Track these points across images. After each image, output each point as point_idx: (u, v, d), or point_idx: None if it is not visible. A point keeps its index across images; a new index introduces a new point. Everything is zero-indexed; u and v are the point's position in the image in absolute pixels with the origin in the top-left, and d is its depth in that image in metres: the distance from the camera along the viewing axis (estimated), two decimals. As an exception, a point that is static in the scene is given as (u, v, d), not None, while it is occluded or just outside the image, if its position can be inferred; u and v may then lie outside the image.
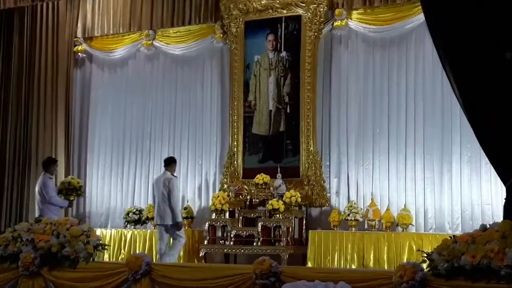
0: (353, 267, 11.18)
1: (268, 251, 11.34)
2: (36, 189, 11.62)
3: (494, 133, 8.03)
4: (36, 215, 11.39)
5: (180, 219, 11.66)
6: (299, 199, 12.31)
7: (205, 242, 12.62)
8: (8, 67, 14.90)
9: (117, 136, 14.79)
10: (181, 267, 9.42)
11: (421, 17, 10.24)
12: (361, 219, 12.05)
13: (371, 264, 11.26)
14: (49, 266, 8.04)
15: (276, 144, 13.06)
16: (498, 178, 8.13)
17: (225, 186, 12.99)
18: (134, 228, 13.30)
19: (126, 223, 13.67)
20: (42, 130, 14.68)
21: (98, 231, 10.38)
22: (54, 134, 14.67)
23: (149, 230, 13.25)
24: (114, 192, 14.75)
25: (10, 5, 12.19)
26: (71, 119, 14.93)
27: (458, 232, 8.91)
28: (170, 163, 12.01)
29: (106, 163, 14.85)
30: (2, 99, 14.95)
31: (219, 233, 12.53)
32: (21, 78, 14.83)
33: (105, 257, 8.93)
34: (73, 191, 12.14)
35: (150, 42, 14.44)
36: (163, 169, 12.12)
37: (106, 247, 8.97)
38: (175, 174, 12.15)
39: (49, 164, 11.81)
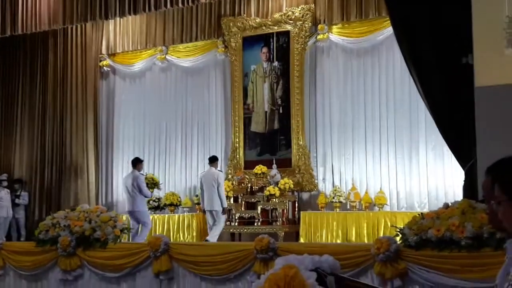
0: (338, 241, 11.23)
1: (267, 230, 11.39)
2: (129, 182, 11.72)
3: (453, 126, 8.18)
4: (127, 204, 11.93)
5: (226, 205, 11.81)
6: (292, 186, 12.41)
7: (214, 223, 12.48)
8: (45, 81, 14.89)
9: (138, 136, 14.79)
10: (194, 245, 9.54)
11: (390, 30, 10.25)
12: (344, 201, 12.16)
13: (353, 238, 11.33)
14: (83, 247, 8.20)
15: (271, 140, 13.09)
16: (458, 164, 8.27)
17: (229, 176, 13.02)
18: (154, 213, 13.31)
19: (148, 208, 13.70)
20: (75, 132, 14.67)
21: (124, 217, 10.41)
22: (85, 136, 14.67)
23: (166, 215, 13.24)
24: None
25: (45, 28, 12.17)
26: (99, 122, 14.93)
27: (426, 210, 9.00)
28: (214, 161, 12.12)
29: (129, 158, 14.82)
30: (41, 108, 14.89)
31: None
32: (56, 90, 14.83)
33: (129, 237, 8.98)
34: (154, 185, 12.89)
35: (163, 56, 14.44)
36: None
37: (129, 230, 9.02)
38: (220, 169, 12.38)
39: (136, 163, 11.99)
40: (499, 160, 2.07)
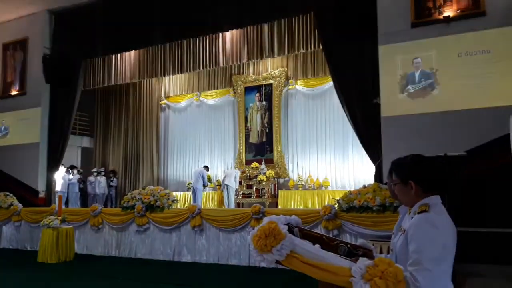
0: (301, 207, 11.19)
1: (258, 201, 11.34)
2: (196, 175, 12.12)
3: (369, 139, 8.19)
4: (192, 185, 12.19)
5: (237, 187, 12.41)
6: (273, 174, 12.41)
7: (227, 198, 12.54)
8: (127, 111, 14.86)
9: (183, 147, 14.63)
10: (215, 209, 9.51)
11: (331, 82, 10.27)
12: (304, 184, 12.08)
13: (310, 206, 11.28)
14: (150, 211, 8.19)
15: (261, 147, 13.03)
16: (371, 161, 8.27)
17: (237, 168, 13.01)
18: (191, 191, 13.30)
19: (187, 189, 13.69)
20: (145, 143, 14.62)
21: (174, 193, 10.43)
22: (151, 145, 14.61)
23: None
24: (181, 174, 14.69)
25: (128, 81, 12.11)
26: (159, 137, 14.83)
27: (352, 189, 8.98)
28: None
29: (179, 161, 14.78)
30: (125, 128, 14.85)
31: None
32: (134, 117, 14.80)
33: (177, 206, 8.98)
34: (208, 179, 12.81)
35: (197, 98, 14.40)
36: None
37: (177, 201, 9.03)
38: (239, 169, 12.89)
39: (206, 168, 12.40)
40: (395, 159, 2.08)
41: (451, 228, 1.87)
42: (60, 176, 12.49)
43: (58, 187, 12.26)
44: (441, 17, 7.11)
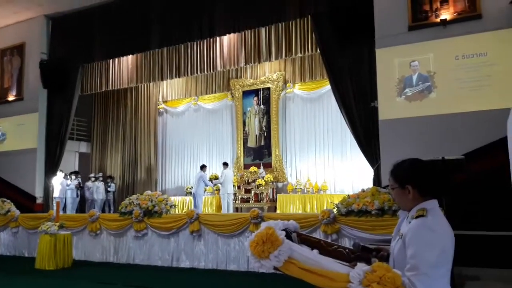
0: (299, 212, 11.18)
1: (257, 205, 11.31)
2: (196, 180, 11.93)
3: (367, 143, 8.18)
4: (193, 189, 12.07)
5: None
6: (272, 179, 12.41)
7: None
8: (125, 116, 14.85)
9: (181, 151, 14.65)
10: (213, 214, 9.49)
11: (329, 86, 10.29)
12: (302, 188, 12.07)
13: (309, 210, 11.26)
14: (148, 216, 8.17)
15: (259, 151, 13.04)
16: (370, 165, 8.26)
17: (235, 173, 12.99)
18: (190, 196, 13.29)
19: (186, 194, 13.66)
20: (143, 148, 14.60)
21: (172, 198, 10.38)
22: (149, 149, 14.60)
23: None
24: (180, 178, 14.69)
25: (125, 85, 12.10)
26: (157, 142, 14.81)
27: (351, 193, 8.99)
28: (226, 165, 12.22)
29: (177, 166, 14.79)
30: (123, 133, 14.82)
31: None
32: (131, 122, 14.77)
33: (176, 211, 8.95)
34: (213, 179, 12.65)
35: (195, 102, 14.40)
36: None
37: (175, 206, 8.99)
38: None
39: (203, 167, 12.03)
40: (394, 163, 2.08)
41: (449, 232, 1.87)
42: (58, 182, 12.45)
43: (56, 193, 12.23)
44: (438, 20, 7.14)
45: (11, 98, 12.10)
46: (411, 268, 1.76)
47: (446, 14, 7.13)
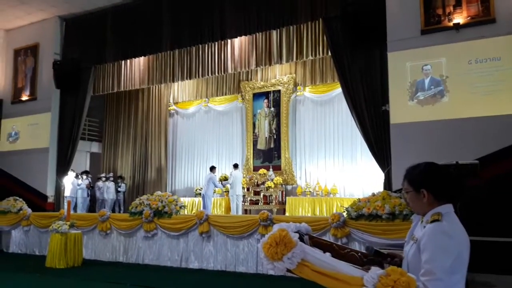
0: (309, 215, 11.13)
1: (266, 208, 11.30)
2: (206, 182, 11.89)
3: (378, 147, 8.13)
4: (203, 192, 11.98)
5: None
6: (281, 181, 12.28)
7: (235, 204, 12.44)
8: (136, 117, 14.85)
9: (191, 152, 14.65)
10: (223, 216, 9.49)
11: (340, 89, 10.24)
12: (312, 191, 11.99)
13: (318, 213, 11.21)
14: (158, 217, 8.20)
15: (269, 154, 13.00)
16: (380, 169, 8.20)
17: (244, 175, 12.98)
18: (199, 197, 13.28)
19: (195, 195, 13.67)
20: (154, 148, 14.62)
21: (182, 199, 10.39)
22: (159, 150, 14.61)
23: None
24: (189, 179, 14.71)
25: (137, 87, 12.14)
26: (168, 142, 14.81)
27: (361, 197, 8.92)
28: (236, 167, 12.17)
29: (187, 167, 14.82)
30: (134, 133, 14.85)
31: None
32: (143, 123, 14.79)
33: (185, 212, 8.96)
34: (223, 180, 12.66)
35: (206, 104, 14.42)
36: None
37: (185, 207, 9.01)
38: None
39: (213, 169, 12.00)
40: (409, 167, 2.06)
41: (464, 237, 1.85)
42: (69, 181, 12.55)
43: (67, 192, 12.33)
44: (451, 24, 7.08)
45: (24, 98, 12.23)
46: (426, 273, 1.74)
47: (459, 18, 7.06)
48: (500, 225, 6.03)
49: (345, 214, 6.60)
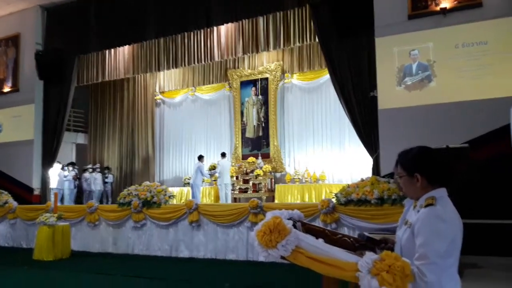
0: (298, 202, 11.17)
1: (255, 195, 11.30)
2: (194, 171, 11.96)
3: (366, 133, 8.15)
4: (191, 181, 12.07)
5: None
6: (270, 169, 12.36)
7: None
8: (122, 107, 14.72)
9: (179, 141, 14.59)
10: (212, 205, 9.46)
11: (327, 76, 10.23)
12: (301, 178, 12.04)
13: (307, 200, 11.26)
14: (146, 207, 8.14)
15: (257, 142, 12.98)
16: (369, 155, 8.23)
17: (233, 163, 12.95)
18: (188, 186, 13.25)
19: (184, 184, 13.62)
20: (141, 139, 14.52)
21: (171, 189, 10.34)
22: (146, 140, 14.53)
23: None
24: (178, 169, 14.64)
25: (122, 76, 11.97)
26: (155, 132, 14.74)
27: (350, 182, 8.97)
28: (224, 155, 12.10)
29: (175, 157, 14.73)
30: (120, 124, 14.70)
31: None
32: (129, 113, 14.65)
33: (174, 201, 8.89)
34: (211, 169, 12.54)
35: (193, 93, 14.30)
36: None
37: (174, 197, 8.94)
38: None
39: (201, 158, 12.00)
40: (401, 151, 2.04)
41: (458, 221, 1.84)
42: (55, 173, 12.38)
43: (53, 184, 12.17)
44: (438, 8, 7.07)
45: (6, 89, 11.97)
46: (420, 257, 1.74)
47: (446, 2, 7.06)
48: (487, 208, 6.10)
49: (334, 200, 6.62)
